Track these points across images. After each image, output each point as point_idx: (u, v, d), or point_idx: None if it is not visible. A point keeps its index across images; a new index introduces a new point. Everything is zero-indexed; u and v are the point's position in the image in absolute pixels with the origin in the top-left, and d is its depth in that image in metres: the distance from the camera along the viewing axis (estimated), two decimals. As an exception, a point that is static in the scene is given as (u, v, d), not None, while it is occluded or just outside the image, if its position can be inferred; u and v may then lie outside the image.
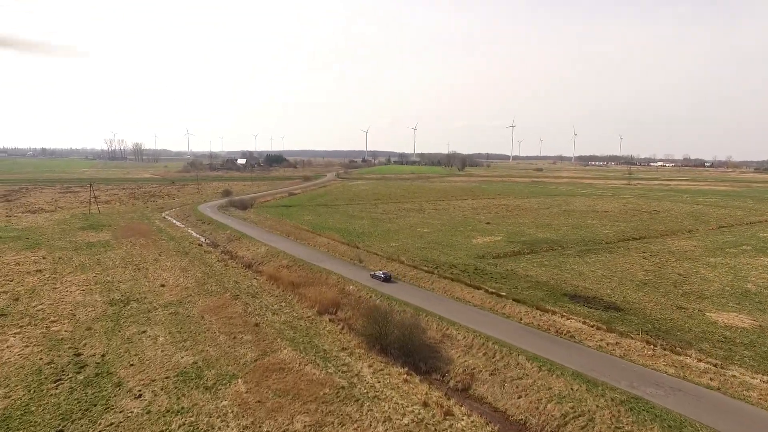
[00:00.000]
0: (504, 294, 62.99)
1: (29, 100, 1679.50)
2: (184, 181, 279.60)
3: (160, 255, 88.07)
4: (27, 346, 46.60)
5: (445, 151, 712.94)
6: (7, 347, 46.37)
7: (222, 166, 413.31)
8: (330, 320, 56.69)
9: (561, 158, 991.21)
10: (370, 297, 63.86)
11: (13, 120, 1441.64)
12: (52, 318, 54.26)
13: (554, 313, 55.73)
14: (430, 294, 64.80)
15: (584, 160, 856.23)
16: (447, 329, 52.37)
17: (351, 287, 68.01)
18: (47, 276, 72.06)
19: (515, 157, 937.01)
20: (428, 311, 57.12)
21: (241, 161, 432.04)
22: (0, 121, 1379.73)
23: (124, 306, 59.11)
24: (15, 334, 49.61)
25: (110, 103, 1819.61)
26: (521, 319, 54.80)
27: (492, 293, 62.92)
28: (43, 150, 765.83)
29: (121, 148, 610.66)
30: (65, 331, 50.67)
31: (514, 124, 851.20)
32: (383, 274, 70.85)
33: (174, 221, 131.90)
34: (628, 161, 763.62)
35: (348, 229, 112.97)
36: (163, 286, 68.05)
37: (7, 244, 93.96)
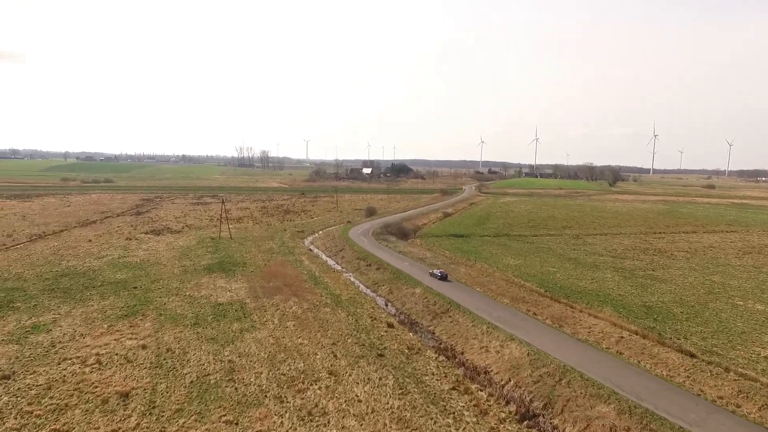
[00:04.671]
0: None
1: (174, 111, 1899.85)
2: (314, 192, 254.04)
3: (333, 352, 47.19)
4: None
5: (563, 161, 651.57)
6: None
7: (348, 175, 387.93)
8: None
9: (717, 172, 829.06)
10: None
11: (160, 130, 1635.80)
12: None
13: None
14: None
15: (748, 174, 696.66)
16: None
17: None
18: None
19: (655, 171, 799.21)
20: None
21: (366, 171, 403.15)
22: (149, 131, 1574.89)
23: None
24: None
25: (241, 112, 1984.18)
26: None
27: None
28: (183, 157, 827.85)
29: (250, 155, 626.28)
30: None
31: (657, 134, 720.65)
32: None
33: (325, 258, 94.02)
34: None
35: (604, 292, 68.63)
36: None
37: (106, 300, 61.05)
